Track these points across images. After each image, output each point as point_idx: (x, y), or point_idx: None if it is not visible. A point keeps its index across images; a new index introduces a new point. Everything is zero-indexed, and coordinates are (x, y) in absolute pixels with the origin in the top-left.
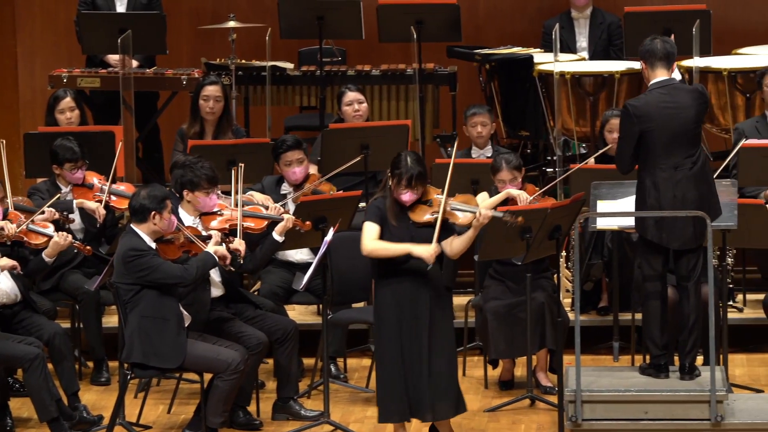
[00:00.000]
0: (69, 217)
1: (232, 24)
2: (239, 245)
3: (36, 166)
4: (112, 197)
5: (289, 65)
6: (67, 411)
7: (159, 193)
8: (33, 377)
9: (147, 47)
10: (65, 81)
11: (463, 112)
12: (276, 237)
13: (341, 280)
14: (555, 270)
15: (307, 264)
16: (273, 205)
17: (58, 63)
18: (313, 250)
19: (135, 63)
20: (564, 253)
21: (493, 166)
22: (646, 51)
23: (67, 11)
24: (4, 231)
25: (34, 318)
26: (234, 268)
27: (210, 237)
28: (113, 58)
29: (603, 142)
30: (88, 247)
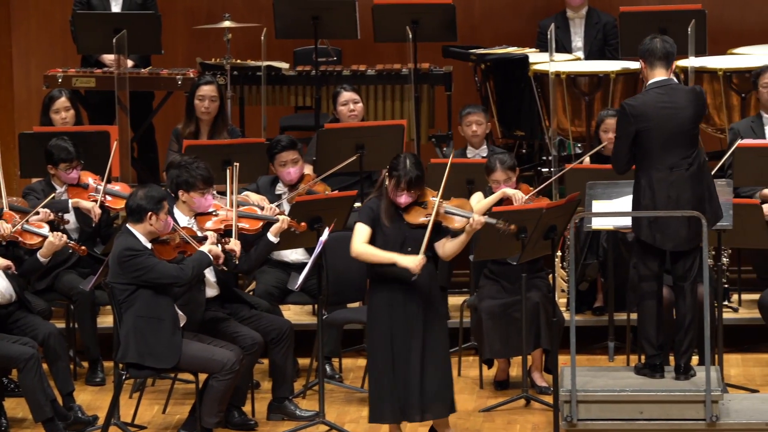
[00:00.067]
0: (64, 218)
1: (227, 24)
2: (234, 246)
3: (31, 166)
4: (107, 197)
5: (285, 65)
6: (62, 411)
7: (156, 194)
8: (28, 377)
9: (142, 47)
10: (60, 81)
11: (459, 112)
12: (271, 238)
13: (336, 280)
14: (550, 270)
15: (303, 264)
16: (268, 206)
17: (53, 63)
18: (309, 250)
19: (130, 63)
20: (559, 253)
21: (488, 166)
22: (645, 50)
23: (63, 11)
24: None
25: (29, 318)
26: (227, 268)
27: (206, 238)
28: (108, 58)
29: (598, 142)
30: (83, 248)
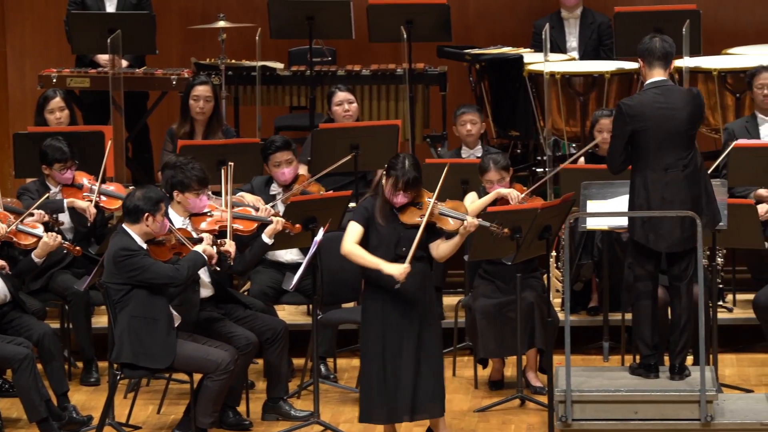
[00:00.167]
0: (58, 220)
1: (221, 24)
2: (229, 247)
3: (25, 166)
4: (101, 197)
5: (279, 65)
6: (57, 411)
7: (154, 195)
8: (22, 378)
9: (137, 47)
10: (55, 81)
11: (453, 112)
12: (265, 239)
13: (331, 280)
14: (545, 270)
15: (297, 264)
16: (264, 207)
17: (47, 63)
18: (303, 250)
19: (125, 63)
20: (554, 253)
21: (481, 166)
22: (645, 49)
23: (57, 11)
24: None
25: (23, 318)
26: (221, 268)
27: (201, 240)
28: (103, 58)
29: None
30: (77, 248)
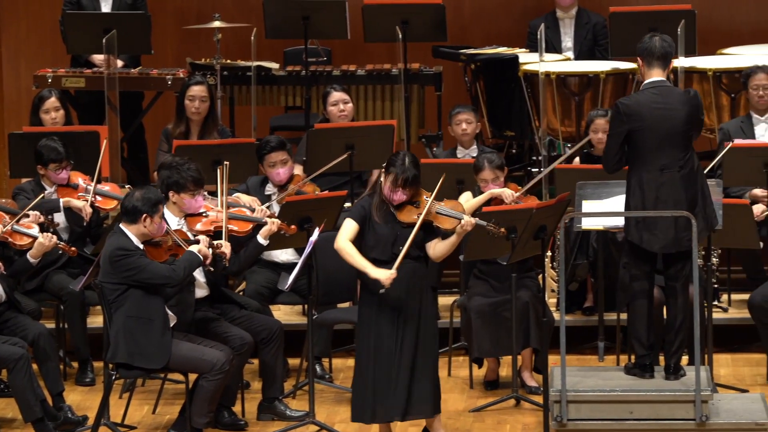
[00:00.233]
0: (53, 221)
1: (217, 24)
2: (225, 248)
3: (21, 166)
4: (97, 197)
5: (275, 65)
6: (52, 411)
7: (153, 197)
8: (17, 378)
9: (132, 47)
10: (50, 81)
11: (449, 112)
12: (260, 240)
13: (326, 280)
14: (540, 270)
15: (293, 264)
16: (259, 208)
17: (43, 63)
18: (299, 250)
19: (120, 63)
20: (549, 253)
21: (476, 165)
22: (644, 49)
23: (52, 11)
24: None
25: (18, 318)
26: (215, 269)
27: (198, 242)
28: (98, 58)
29: (588, 142)
30: (73, 249)
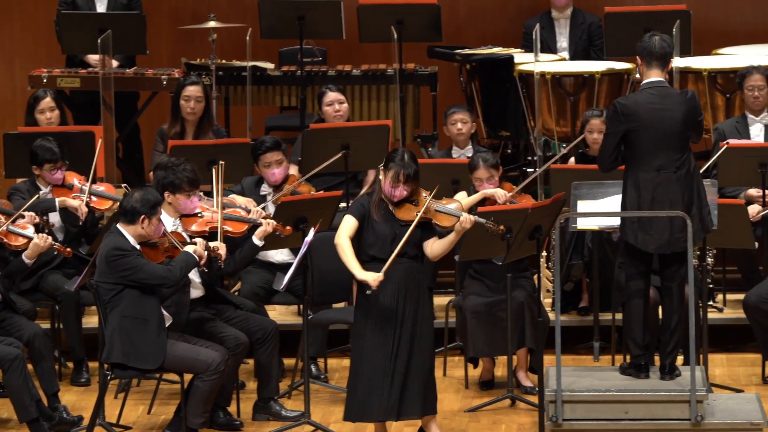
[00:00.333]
0: (48, 222)
1: (212, 24)
2: (220, 249)
3: (16, 166)
4: (92, 198)
5: (270, 65)
6: (47, 411)
7: (152, 198)
8: (13, 378)
9: (127, 47)
10: (45, 81)
11: (444, 112)
12: (256, 241)
13: (322, 280)
14: (535, 270)
15: (288, 264)
16: (255, 209)
17: (37, 63)
18: (294, 250)
19: (115, 63)
20: (544, 253)
21: (471, 164)
22: (644, 48)
23: (47, 11)
24: None
25: (14, 318)
26: (209, 269)
27: (195, 243)
28: (93, 58)
29: (583, 142)
30: (68, 249)
